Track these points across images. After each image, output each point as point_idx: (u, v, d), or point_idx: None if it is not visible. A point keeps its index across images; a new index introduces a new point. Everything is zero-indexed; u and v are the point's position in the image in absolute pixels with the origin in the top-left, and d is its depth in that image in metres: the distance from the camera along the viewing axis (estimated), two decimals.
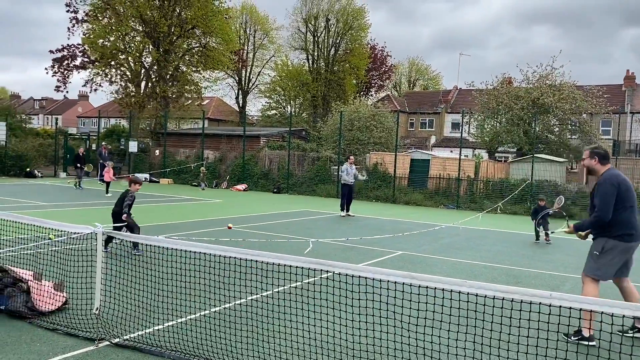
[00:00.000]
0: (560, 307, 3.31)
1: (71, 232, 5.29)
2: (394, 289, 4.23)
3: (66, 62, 35.52)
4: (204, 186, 26.54)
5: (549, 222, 12.98)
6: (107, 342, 4.76)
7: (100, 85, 35.76)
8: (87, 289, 5.32)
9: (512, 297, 3.44)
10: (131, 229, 8.82)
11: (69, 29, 35.68)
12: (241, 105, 52.77)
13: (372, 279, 3.88)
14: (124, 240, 6.73)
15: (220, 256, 4.61)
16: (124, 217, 8.78)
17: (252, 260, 4.30)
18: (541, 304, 3.36)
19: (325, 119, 38.76)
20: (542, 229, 12.95)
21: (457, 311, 4.78)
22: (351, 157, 18.24)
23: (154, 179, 28.91)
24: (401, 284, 3.82)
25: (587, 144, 28.73)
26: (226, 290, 5.31)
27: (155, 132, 35.25)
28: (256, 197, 23.05)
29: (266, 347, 4.75)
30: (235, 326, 5.04)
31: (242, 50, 48.61)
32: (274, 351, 4.65)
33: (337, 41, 47.84)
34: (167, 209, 16.87)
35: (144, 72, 35.32)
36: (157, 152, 32.24)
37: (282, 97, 51.70)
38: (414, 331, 4.50)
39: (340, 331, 4.74)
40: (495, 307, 3.94)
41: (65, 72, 35.55)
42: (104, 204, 16.96)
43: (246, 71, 51.62)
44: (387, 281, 3.89)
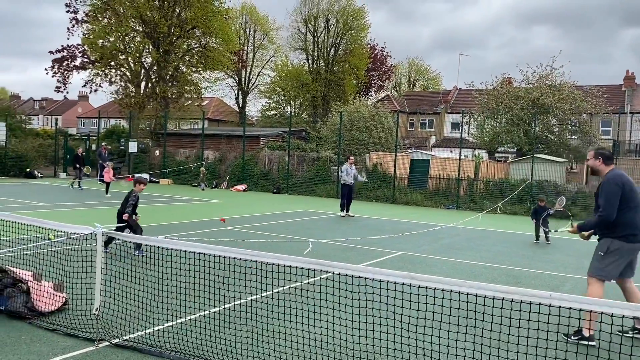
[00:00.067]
0: (560, 307, 3.31)
1: (71, 233, 5.28)
2: (393, 290, 4.23)
3: (66, 62, 35.52)
4: (203, 186, 26.54)
5: (548, 222, 12.98)
6: (107, 343, 4.76)
7: (100, 85, 35.76)
8: (87, 290, 5.32)
9: (512, 297, 3.44)
10: (133, 229, 8.81)
11: (68, 29, 35.66)
12: (241, 105, 52.78)
13: (371, 280, 3.88)
14: (124, 240, 6.72)
15: (219, 256, 4.61)
16: (125, 217, 8.78)
17: (252, 260, 4.29)
18: (541, 305, 3.36)
19: (325, 119, 38.77)
20: (543, 229, 12.95)
21: (457, 311, 4.78)
22: (351, 157, 18.23)
23: (153, 179, 28.90)
24: (401, 284, 3.82)
25: (587, 144, 28.81)
26: (226, 290, 5.31)
27: (155, 132, 35.25)
28: (256, 198, 23.05)
29: (266, 348, 4.75)
30: (234, 326, 5.04)
31: (241, 50, 48.62)
32: (273, 351, 4.65)
33: (337, 41, 47.85)
34: (166, 209, 16.86)
35: (143, 73, 35.32)
36: (157, 152, 32.25)
37: (282, 98, 51.72)
38: (414, 331, 4.50)
39: (340, 331, 4.74)
40: (495, 307, 3.94)
41: (65, 72, 35.54)
42: (104, 205, 16.96)
43: (246, 71, 51.64)
44: (387, 281, 3.89)
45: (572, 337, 5.38)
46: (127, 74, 35.02)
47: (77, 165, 22.94)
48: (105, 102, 55.17)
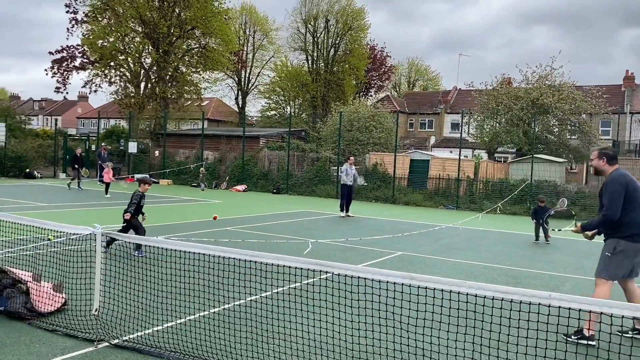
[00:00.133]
0: (559, 307, 3.31)
1: (70, 233, 5.28)
2: (393, 290, 4.23)
3: (65, 63, 35.51)
4: (203, 187, 26.54)
5: (548, 222, 12.99)
6: (107, 343, 4.76)
7: (99, 86, 35.76)
8: (87, 290, 5.31)
9: (512, 297, 3.44)
10: (136, 230, 8.83)
11: (68, 29, 35.68)
12: (241, 105, 52.79)
13: (371, 280, 3.87)
14: (123, 241, 6.71)
15: (219, 257, 4.61)
16: (126, 217, 8.80)
17: (251, 261, 4.29)
18: (540, 305, 3.36)
19: (324, 120, 38.78)
20: (543, 229, 12.96)
21: (457, 312, 4.78)
22: (351, 157, 18.20)
23: (153, 179, 28.85)
24: (400, 284, 3.81)
25: (587, 145, 28.83)
26: (225, 291, 5.31)
27: (154, 132, 35.23)
28: (256, 198, 23.05)
29: (265, 348, 4.75)
30: (234, 327, 5.03)
31: (241, 51, 48.63)
32: (273, 352, 4.65)
33: (337, 42, 47.85)
34: (166, 209, 16.86)
35: (143, 73, 35.31)
36: (156, 152, 32.24)
37: (282, 98, 51.72)
38: (414, 332, 4.50)
39: (339, 332, 4.74)
40: (494, 307, 3.94)
41: (64, 73, 35.54)
42: (104, 205, 16.96)
43: (246, 72, 51.65)
44: (386, 282, 3.89)
45: (573, 337, 5.36)
46: (127, 74, 35.01)
47: (76, 165, 22.93)
48: (104, 102, 55.19)
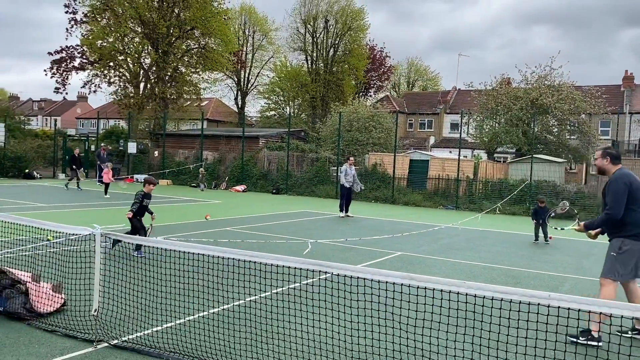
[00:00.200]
0: (558, 307, 3.31)
1: (69, 234, 5.28)
2: (392, 290, 4.23)
3: (65, 63, 35.51)
4: (203, 187, 26.54)
5: (548, 223, 12.99)
6: (106, 344, 4.75)
7: (99, 86, 35.79)
8: (86, 291, 5.31)
9: (511, 297, 3.43)
10: (137, 230, 8.85)
11: (67, 29, 35.71)
12: (240, 106, 52.81)
13: (370, 280, 3.87)
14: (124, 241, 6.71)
15: (218, 257, 4.60)
16: (128, 215, 8.83)
17: (251, 261, 4.29)
18: (540, 305, 3.36)
19: (324, 120, 38.77)
20: (542, 229, 12.96)
21: (456, 312, 4.78)
22: (351, 158, 18.17)
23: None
24: (400, 284, 3.81)
25: (586, 145, 28.84)
26: (224, 291, 5.31)
27: (154, 133, 35.24)
28: (255, 198, 23.04)
29: (264, 348, 4.74)
30: (233, 327, 5.03)
31: (241, 51, 48.63)
32: (272, 352, 4.65)
33: (336, 42, 47.86)
34: (166, 210, 16.85)
35: (142, 73, 35.32)
36: (156, 153, 32.23)
37: (281, 98, 51.73)
38: (413, 332, 4.50)
39: (338, 332, 4.74)
40: (494, 308, 3.93)
41: (64, 73, 35.54)
42: (103, 205, 16.95)
43: (245, 72, 51.65)
44: (385, 282, 3.89)
45: (581, 338, 5.27)
46: (126, 74, 35.02)
47: (74, 166, 22.91)
48: (104, 102, 55.20)
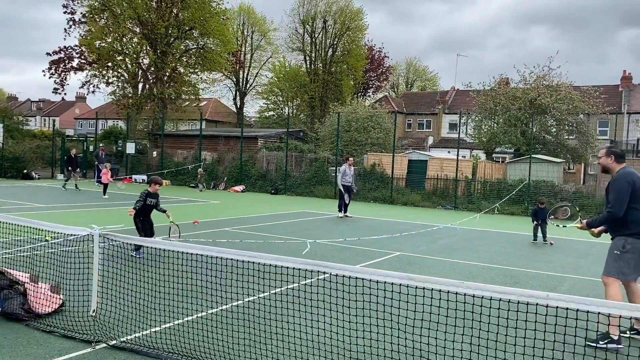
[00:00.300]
0: (557, 307, 3.31)
1: (68, 234, 5.27)
2: (391, 290, 4.23)
3: (63, 63, 35.47)
4: (201, 187, 26.52)
5: (547, 223, 12.99)
6: (104, 344, 4.75)
7: (97, 87, 35.79)
8: (84, 291, 5.30)
9: (510, 298, 3.44)
10: (138, 230, 8.89)
11: (65, 30, 35.67)
12: (239, 106, 52.81)
13: (369, 280, 3.87)
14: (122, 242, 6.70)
15: (217, 258, 4.60)
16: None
17: (249, 261, 4.29)
18: (538, 305, 3.36)
19: (322, 120, 38.78)
20: (542, 230, 12.96)
21: (455, 312, 4.78)
22: (350, 158, 18.11)
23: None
24: (398, 285, 3.81)
25: (585, 145, 28.86)
26: (223, 291, 5.30)
27: (152, 133, 35.22)
28: (254, 198, 23.04)
29: (263, 349, 4.74)
30: (232, 328, 5.03)
31: (239, 51, 48.63)
32: (271, 352, 4.65)
33: (335, 42, 47.88)
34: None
35: (141, 74, 35.31)
36: (154, 153, 32.20)
37: (280, 99, 51.73)
38: (411, 332, 4.50)
39: (337, 333, 4.74)
40: (492, 308, 3.94)
41: (62, 73, 35.51)
42: (102, 206, 16.94)
43: (244, 72, 51.65)
44: (384, 282, 3.89)
45: (600, 343, 5.14)
46: (125, 75, 35.01)
47: (70, 167, 22.87)
48: (102, 103, 55.14)
